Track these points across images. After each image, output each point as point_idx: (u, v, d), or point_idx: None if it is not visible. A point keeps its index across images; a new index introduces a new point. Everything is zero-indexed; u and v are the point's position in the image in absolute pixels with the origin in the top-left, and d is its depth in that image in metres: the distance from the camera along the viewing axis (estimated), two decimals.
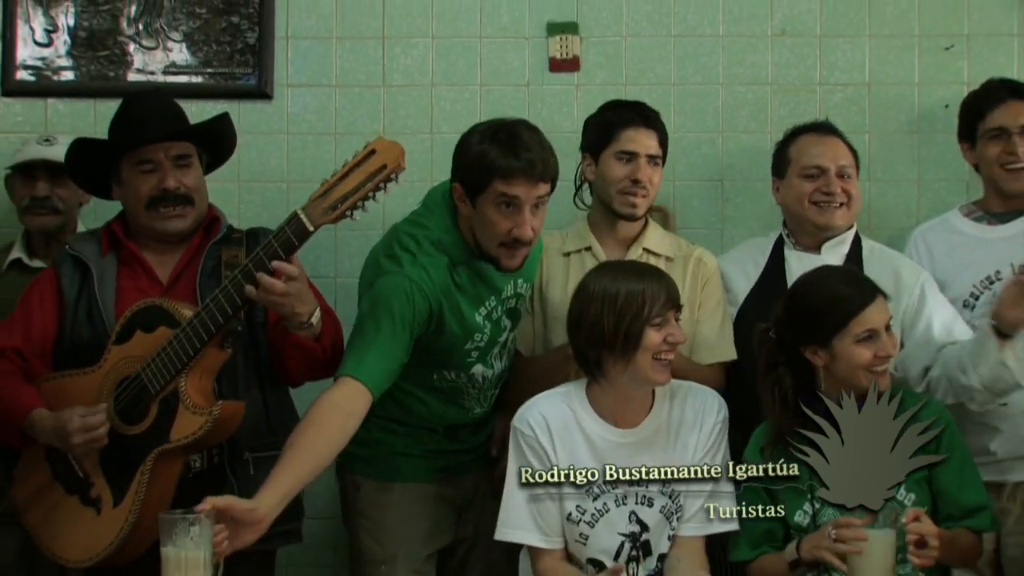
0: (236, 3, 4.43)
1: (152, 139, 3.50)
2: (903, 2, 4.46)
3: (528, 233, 3.62)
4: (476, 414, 3.89)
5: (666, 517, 3.36)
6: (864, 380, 3.31)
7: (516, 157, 3.61)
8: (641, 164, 3.86)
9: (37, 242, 4.13)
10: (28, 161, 4.06)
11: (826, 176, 3.87)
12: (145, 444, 3.34)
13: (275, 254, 3.26)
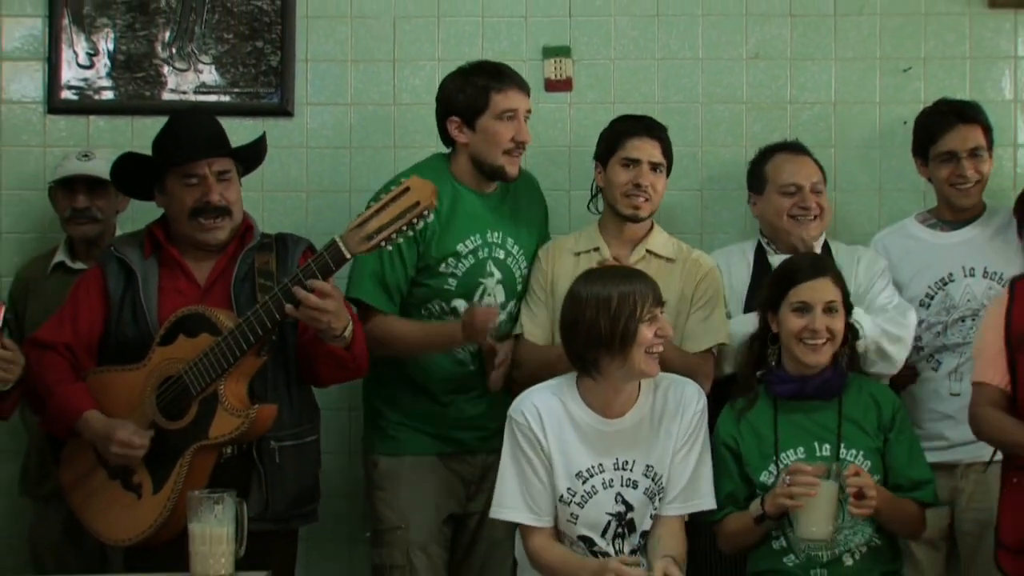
0: (260, 29, 4.44)
1: (201, 156, 3.54)
2: (865, 28, 4.49)
3: (528, 136, 3.95)
4: (472, 369, 3.95)
5: (649, 498, 3.40)
6: (796, 350, 3.42)
7: (507, 75, 3.96)
8: (643, 170, 3.92)
9: (79, 247, 4.15)
10: (69, 176, 4.09)
11: (802, 193, 3.95)
12: (184, 439, 3.41)
13: (313, 276, 3.33)
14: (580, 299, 3.39)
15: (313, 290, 3.32)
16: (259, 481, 3.50)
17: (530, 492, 3.43)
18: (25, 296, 4.14)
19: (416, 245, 3.86)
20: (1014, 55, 4.51)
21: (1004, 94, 4.49)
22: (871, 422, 3.45)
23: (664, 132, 4.03)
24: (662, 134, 4.01)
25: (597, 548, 3.43)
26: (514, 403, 3.50)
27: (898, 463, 3.40)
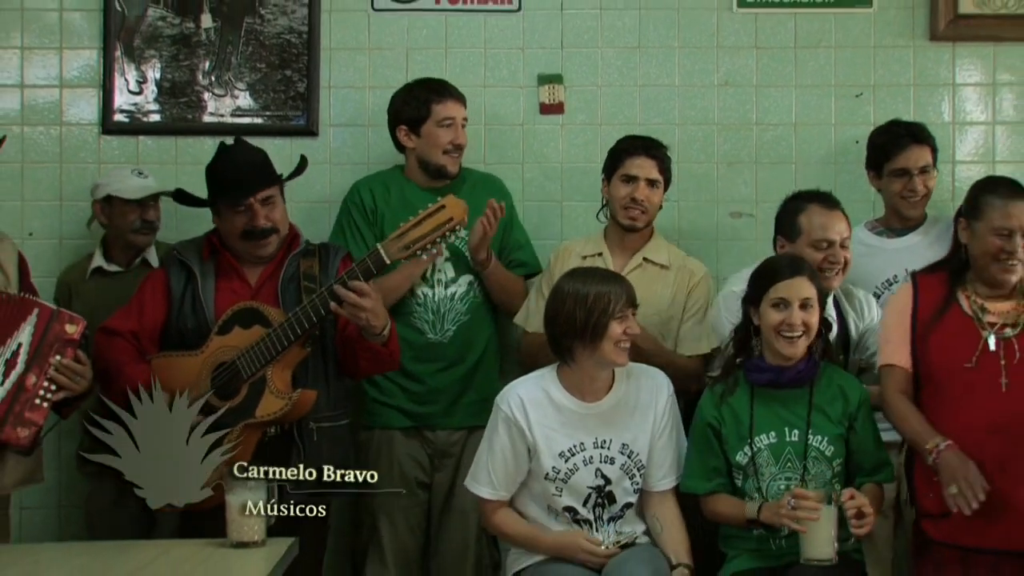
0: (289, 59, 4.48)
1: (248, 195, 3.60)
2: (821, 58, 4.54)
3: (463, 140, 4.12)
4: (429, 340, 4.05)
5: (625, 472, 3.47)
6: (775, 342, 3.40)
7: (443, 87, 4.13)
8: (640, 186, 3.98)
9: (122, 252, 4.15)
10: (144, 196, 4.09)
11: (832, 248, 3.77)
12: (234, 417, 3.47)
13: (356, 278, 3.45)
14: (562, 293, 3.46)
15: (354, 290, 3.41)
16: (298, 456, 3.52)
17: (495, 471, 3.49)
18: (69, 297, 4.12)
19: (371, 228, 4.06)
20: (952, 83, 4.56)
21: (943, 117, 4.54)
22: (837, 411, 3.45)
23: (662, 151, 4.07)
24: (660, 153, 4.06)
25: (580, 516, 3.47)
26: (501, 392, 3.56)
27: (862, 448, 3.43)
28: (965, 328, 3.29)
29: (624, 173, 4.02)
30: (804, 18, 4.56)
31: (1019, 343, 3.25)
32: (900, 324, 3.38)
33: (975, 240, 3.32)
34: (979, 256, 3.31)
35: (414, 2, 4.54)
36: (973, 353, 3.25)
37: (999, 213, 3.27)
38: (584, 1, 4.55)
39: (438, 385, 4.06)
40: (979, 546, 3.21)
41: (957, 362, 3.26)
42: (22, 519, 4.19)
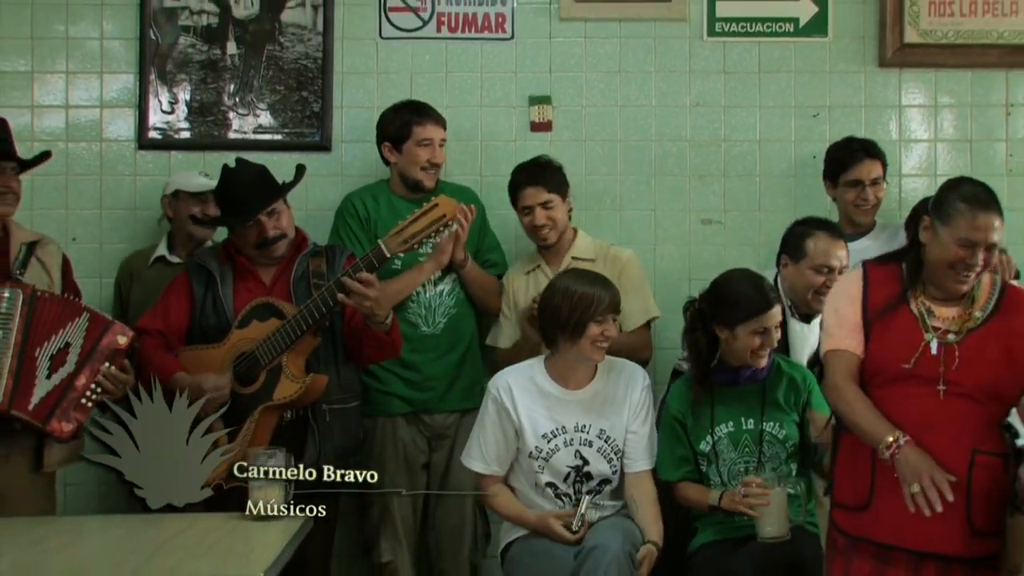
0: (305, 82, 4.49)
1: (254, 215, 3.62)
2: (783, 82, 4.54)
3: (441, 159, 4.11)
4: (424, 332, 4.04)
5: (602, 454, 3.50)
6: (749, 359, 3.44)
7: (424, 110, 4.13)
8: (536, 213, 4.00)
9: (180, 243, 4.16)
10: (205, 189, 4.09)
11: (832, 273, 3.77)
12: (254, 401, 3.53)
13: (360, 270, 3.50)
14: (556, 288, 3.50)
15: (360, 281, 3.46)
16: (313, 436, 3.57)
17: (487, 448, 3.52)
18: (130, 281, 4.17)
19: (366, 233, 4.06)
20: (899, 104, 4.57)
21: (891, 135, 4.55)
22: (789, 399, 3.48)
23: (544, 172, 4.05)
24: (544, 177, 4.04)
25: (560, 491, 3.50)
26: (493, 378, 3.60)
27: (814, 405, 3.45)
28: (910, 328, 2.96)
29: (521, 206, 4.06)
30: (767, 46, 4.57)
31: (960, 349, 2.92)
32: (852, 311, 3.02)
33: (937, 244, 2.93)
34: (937, 261, 2.94)
35: (418, 31, 4.54)
36: (913, 354, 2.92)
37: (968, 224, 2.87)
38: (571, 30, 4.55)
39: (433, 372, 4.06)
40: (897, 544, 2.91)
41: (895, 361, 2.94)
42: (66, 494, 4.20)
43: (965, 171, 4.46)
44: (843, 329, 3.01)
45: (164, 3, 4.52)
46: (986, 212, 2.89)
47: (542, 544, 3.42)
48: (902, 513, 2.82)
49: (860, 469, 2.98)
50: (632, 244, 4.43)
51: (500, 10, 4.55)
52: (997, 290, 3.01)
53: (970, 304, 2.98)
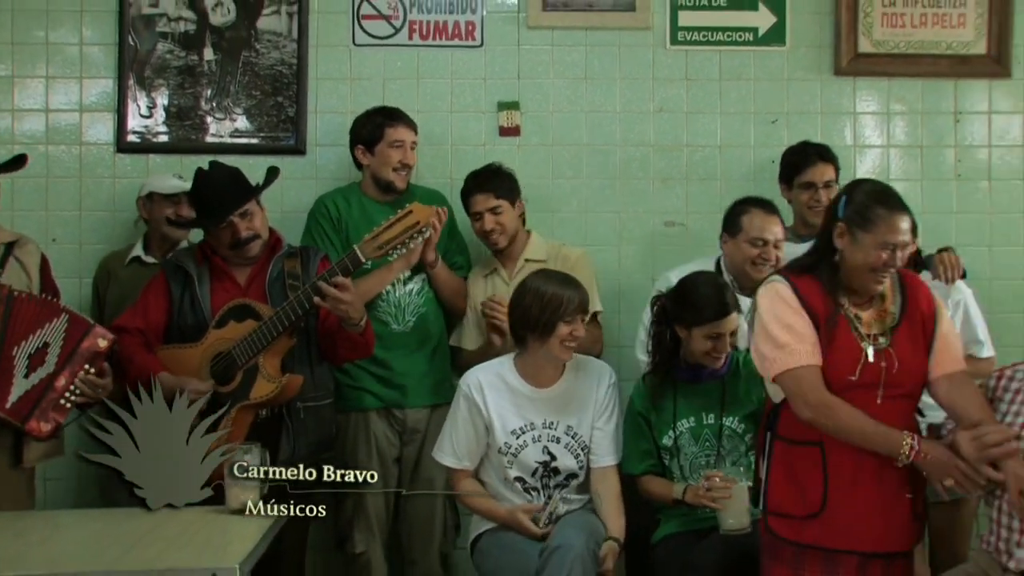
0: (280, 88, 4.48)
1: (226, 216, 3.61)
2: (743, 90, 4.56)
3: (412, 161, 4.11)
4: (394, 330, 4.02)
5: (569, 450, 3.51)
6: (703, 360, 3.47)
7: (396, 114, 4.12)
8: (485, 219, 4.04)
9: (155, 244, 4.13)
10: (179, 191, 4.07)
11: (767, 246, 3.86)
12: (231, 399, 3.50)
13: (336, 274, 3.50)
14: (527, 288, 3.49)
15: (336, 285, 3.46)
16: (287, 433, 3.57)
17: (458, 443, 3.53)
18: (107, 281, 4.14)
19: (338, 235, 4.06)
20: (853, 111, 4.60)
21: (846, 141, 4.57)
22: (748, 394, 3.49)
23: (493, 178, 4.09)
24: (492, 184, 4.08)
25: (528, 485, 3.51)
26: (464, 375, 3.59)
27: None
28: (849, 339, 2.90)
29: (471, 211, 4.10)
30: (727, 55, 4.59)
31: (895, 352, 2.90)
32: (804, 323, 2.90)
33: (858, 249, 2.88)
34: (859, 266, 2.89)
35: (390, 39, 4.54)
36: (856, 365, 2.87)
37: (889, 228, 2.85)
38: (538, 38, 4.56)
39: (403, 369, 4.06)
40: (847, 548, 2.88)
41: (843, 373, 2.87)
42: (46, 489, 4.17)
43: (916, 176, 4.59)
44: (805, 344, 2.88)
45: (142, 10, 4.50)
46: (903, 214, 2.89)
47: (510, 538, 3.44)
48: (854, 517, 2.86)
49: (809, 480, 2.91)
50: (597, 245, 4.46)
51: (470, 18, 4.56)
52: (897, 281, 3.00)
53: (881, 302, 2.96)
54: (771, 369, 2.91)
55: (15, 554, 2.70)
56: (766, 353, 2.92)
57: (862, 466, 2.87)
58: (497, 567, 3.46)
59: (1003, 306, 4.45)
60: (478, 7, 4.56)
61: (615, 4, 4.56)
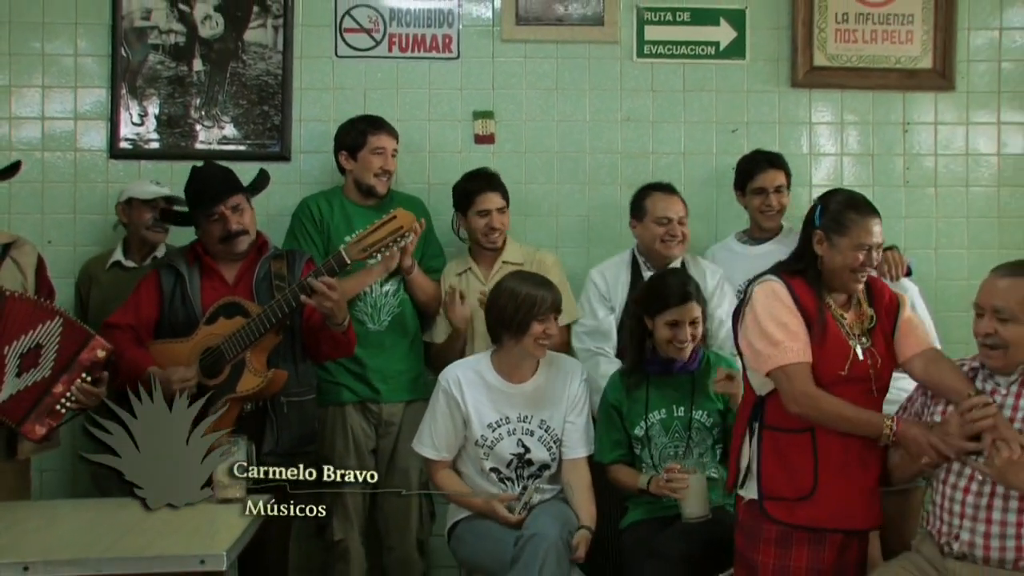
0: (266, 97, 4.48)
1: (217, 202, 3.61)
2: (705, 100, 4.57)
3: (393, 167, 4.11)
4: (370, 330, 4.01)
5: (543, 444, 3.53)
6: (668, 350, 3.49)
7: (379, 122, 4.13)
8: (493, 216, 4.06)
9: (134, 249, 4.13)
10: (160, 196, 4.09)
11: (671, 224, 4.00)
12: (219, 392, 3.49)
13: (322, 274, 3.49)
14: (502, 288, 3.51)
15: (324, 284, 3.45)
16: (271, 426, 3.56)
17: (437, 436, 3.53)
18: (89, 284, 4.13)
19: (320, 236, 4.06)
20: (809, 121, 4.62)
21: (802, 149, 4.60)
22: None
23: (497, 180, 4.13)
24: (500, 184, 4.13)
25: (503, 475, 3.52)
26: (443, 372, 3.60)
27: None
28: (838, 337, 2.97)
29: (479, 209, 4.09)
30: (691, 67, 4.60)
31: (878, 351, 2.99)
32: (797, 322, 2.96)
33: (836, 253, 2.98)
34: (838, 268, 2.99)
35: (371, 51, 4.54)
36: (846, 362, 2.95)
37: (862, 230, 2.97)
38: (512, 51, 4.57)
39: (378, 366, 4.06)
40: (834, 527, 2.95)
41: (834, 368, 2.94)
42: (42, 480, 4.16)
43: (868, 182, 4.60)
44: (798, 343, 2.93)
45: (134, 23, 4.49)
46: (874, 217, 3.01)
47: (486, 525, 3.44)
48: (842, 498, 2.93)
49: (799, 463, 2.97)
50: (567, 247, 4.50)
51: (447, 32, 4.57)
52: (864, 286, 3.07)
53: (858, 305, 3.04)
54: (765, 364, 2.96)
55: (12, 542, 2.69)
56: (761, 349, 2.97)
57: (849, 451, 2.94)
58: (474, 553, 3.48)
59: (948, 305, 4.46)
60: (454, 21, 4.57)
61: (584, 18, 4.58)
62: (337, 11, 4.55)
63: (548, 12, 4.58)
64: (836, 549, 2.96)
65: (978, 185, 4.68)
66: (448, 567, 4.25)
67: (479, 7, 4.60)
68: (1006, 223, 4.65)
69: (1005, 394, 2.89)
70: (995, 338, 2.86)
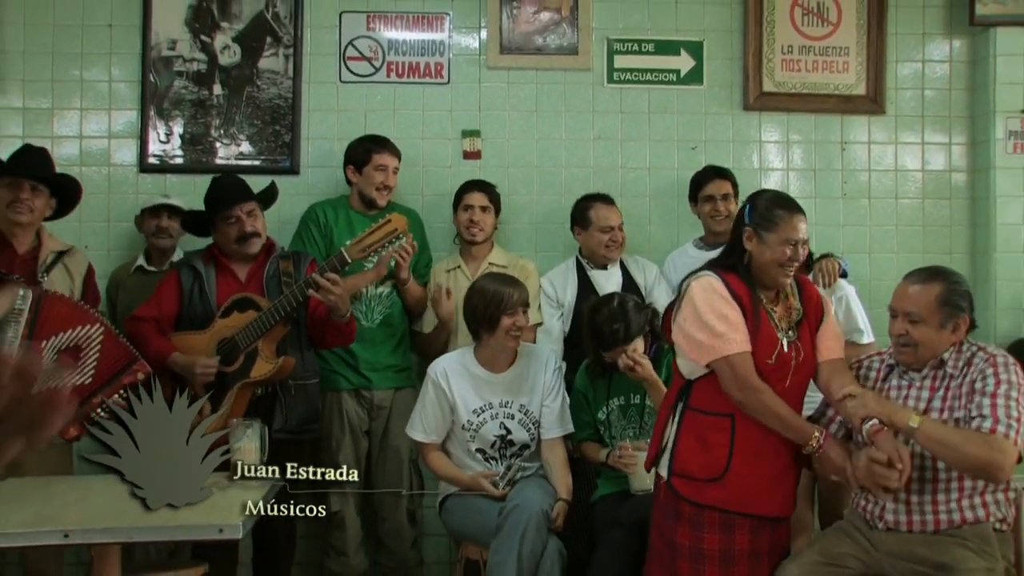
0: (278, 118, 4.50)
1: (234, 204, 3.68)
2: (667, 121, 4.59)
3: (393, 183, 4.12)
4: (364, 326, 3.99)
5: (523, 426, 3.54)
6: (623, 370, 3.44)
7: (384, 142, 4.14)
8: (475, 212, 4.10)
9: (154, 255, 4.16)
10: (160, 204, 4.13)
11: (613, 231, 4.11)
12: (234, 378, 3.56)
13: (325, 271, 3.54)
14: (475, 288, 3.55)
15: (329, 280, 3.50)
16: (281, 407, 3.61)
17: (427, 422, 3.54)
18: (117, 289, 4.15)
19: (324, 239, 4.07)
20: (759, 140, 4.65)
21: (753, 165, 4.63)
22: (669, 380, 3.28)
23: (487, 185, 4.19)
24: (487, 187, 4.18)
25: (487, 455, 3.53)
26: (432, 364, 3.61)
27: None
28: (769, 329, 2.87)
29: (464, 204, 4.15)
30: (655, 91, 4.62)
31: (803, 345, 2.91)
32: (736, 314, 2.83)
33: (765, 248, 2.86)
34: (768, 263, 2.86)
35: (371, 77, 4.56)
36: (773, 352, 2.84)
37: (789, 226, 2.84)
38: (497, 77, 4.59)
39: (370, 358, 4.07)
40: (742, 511, 2.85)
41: (764, 358, 2.83)
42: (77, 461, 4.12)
43: (811, 194, 4.64)
44: (739, 334, 2.81)
45: (162, 52, 4.51)
46: (800, 213, 2.91)
47: (472, 499, 3.46)
48: (751, 485, 2.84)
49: (715, 446, 2.86)
50: (545, 252, 4.50)
51: (439, 60, 4.59)
52: (795, 282, 2.99)
53: (786, 299, 2.94)
54: (708, 355, 2.83)
55: (54, 512, 2.73)
56: (703, 340, 2.82)
57: (765, 441, 2.85)
58: (462, 523, 3.50)
59: (880, 303, 3.98)
60: (445, 50, 4.59)
61: (561, 48, 4.60)
62: (341, 41, 4.57)
63: (529, 43, 4.60)
64: (747, 533, 2.85)
65: (906, 197, 4.72)
66: (435, 535, 4.29)
67: (467, 38, 4.62)
68: (929, 231, 4.70)
69: (919, 387, 2.92)
70: (907, 338, 2.89)
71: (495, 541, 3.27)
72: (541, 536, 3.26)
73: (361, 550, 4.10)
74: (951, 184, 4.72)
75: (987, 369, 2.81)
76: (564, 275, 4.20)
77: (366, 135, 4.24)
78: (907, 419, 2.74)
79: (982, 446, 2.68)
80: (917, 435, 2.73)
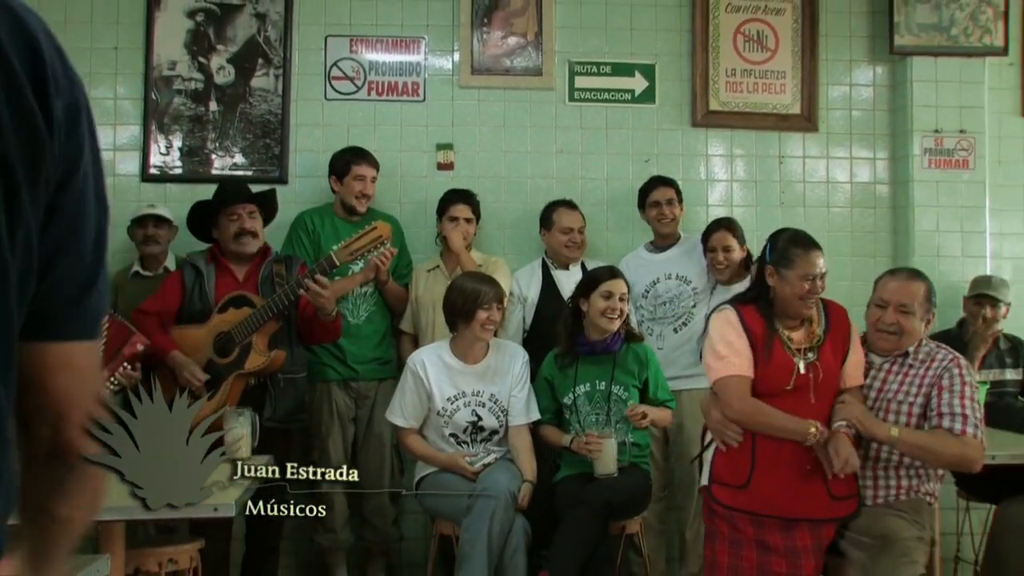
0: (268, 132, 4.50)
1: (239, 201, 3.70)
2: (624, 136, 4.61)
3: (371, 191, 4.10)
4: (351, 323, 3.97)
5: (493, 413, 3.54)
6: (600, 321, 3.45)
7: (363, 154, 4.12)
8: (461, 223, 4.09)
9: (147, 261, 4.11)
10: (146, 215, 4.08)
11: (572, 233, 4.12)
12: (229, 369, 3.57)
13: (315, 273, 3.54)
14: (454, 285, 3.56)
15: (317, 282, 3.50)
16: (270, 398, 3.60)
17: (406, 408, 3.54)
18: (115, 294, 4.03)
19: (312, 244, 4.05)
20: (706, 154, 4.67)
21: (701, 176, 4.65)
22: (634, 369, 3.49)
23: (472, 196, 4.17)
24: (471, 198, 4.16)
25: (460, 439, 3.53)
26: (411, 356, 3.61)
27: (652, 390, 3.51)
28: (784, 356, 2.90)
29: (450, 216, 4.13)
30: (612, 109, 4.64)
31: (821, 365, 2.91)
32: (742, 342, 2.90)
33: (785, 284, 2.91)
34: (790, 297, 2.91)
35: (353, 95, 4.56)
36: (790, 377, 2.88)
37: (806, 262, 2.90)
38: (468, 95, 4.60)
39: (355, 352, 4.06)
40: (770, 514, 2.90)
41: (780, 383, 2.89)
42: None
43: (752, 203, 4.68)
44: (740, 359, 2.89)
45: (163, 72, 4.51)
46: (817, 250, 2.96)
47: (446, 479, 3.47)
48: (775, 490, 2.89)
49: (739, 457, 2.93)
50: (513, 254, 4.49)
51: (415, 79, 4.60)
52: (822, 307, 3.02)
53: (810, 324, 2.97)
54: (712, 376, 2.94)
55: None
56: (710, 363, 2.94)
57: (781, 450, 2.88)
58: (436, 503, 3.51)
59: None
60: (421, 71, 4.60)
61: (527, 70, 4.62)
62: (327, 63, 4.57)
63: (497, 64, 4.62)
64: (779, 531, 2.87)
65: (836, 207, 4.76)
66: (414, 512, 4.29)
67: (441, 60, 4.63)
68: (857, 236, 4.74)
69: (878, 368, 3.02)
70: (896, 326, 2.97)
71: (467, 519, 3.29)
72: (509, 515, 3.29)
73: (347, 526, 4.10)
74: (875, 195, 4.77)
75: (953, 369, 2.92)
76: (530, 274, 4.22)
77: (347, 147, 4.22)
78: (887, 430, 2.86)
79: (958, 446, 2.82)
80: (898, 443, 2.86)
